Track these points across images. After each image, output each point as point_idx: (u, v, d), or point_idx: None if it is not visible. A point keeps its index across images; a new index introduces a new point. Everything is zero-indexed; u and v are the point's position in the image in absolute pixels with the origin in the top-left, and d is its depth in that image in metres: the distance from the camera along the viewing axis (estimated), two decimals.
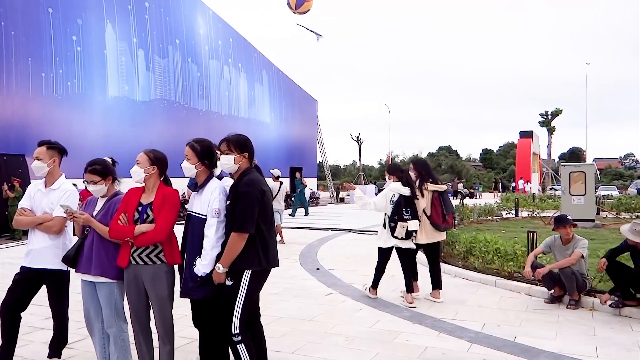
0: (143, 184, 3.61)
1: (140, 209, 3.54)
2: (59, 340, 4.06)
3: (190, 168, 3.51)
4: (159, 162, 3.61)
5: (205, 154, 3.53)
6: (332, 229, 15.08)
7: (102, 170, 3.66)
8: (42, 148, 3.90)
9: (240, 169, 3.46)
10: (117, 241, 3.53)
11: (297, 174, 21.13)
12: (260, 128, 29.50)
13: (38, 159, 3.88)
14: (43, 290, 4.00)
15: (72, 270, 3.82)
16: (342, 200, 35.54)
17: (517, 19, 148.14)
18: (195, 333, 3.73)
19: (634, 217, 16.42)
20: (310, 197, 31.38)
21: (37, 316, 5.34)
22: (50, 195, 3.93)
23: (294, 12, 16.32)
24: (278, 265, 3.50)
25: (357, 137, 57.53)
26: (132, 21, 20.80)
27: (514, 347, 4.64)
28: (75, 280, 3.82)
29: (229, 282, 3.33)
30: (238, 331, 3.30)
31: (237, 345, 3.31)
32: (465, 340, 4.84)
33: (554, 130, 51.46)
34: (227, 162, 3.44)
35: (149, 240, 3.44)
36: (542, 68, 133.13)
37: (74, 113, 17.96)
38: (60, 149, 3.99)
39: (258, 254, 3.32)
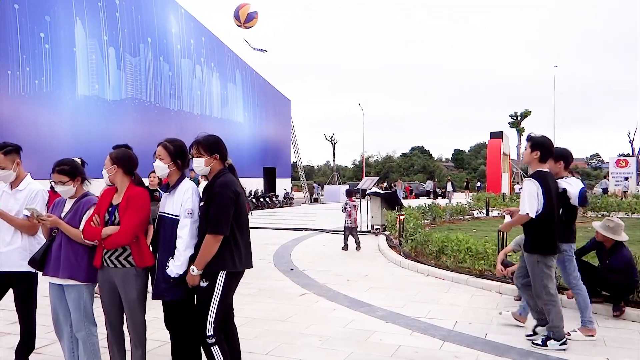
0: (112, 185, 3.58)
1: (110, 209, 3.50)
2: (26, 346, 3.94)
3: (162, 167, 3.48)
4: (119, 160, 3.53)
5: (178, 154, 3.50)
6: (306, 229, 15.08)
7: (70, 170, 3.58)
8: (0, 156, 3.73)
9: (213, 171, 3.44)
10: (90, 243, 3.46)
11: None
12: (233, 128, 29.31)
13: (1, 168, 3.73)
14: (9, 294, 3.89)
15: (39, 273, 3.73)
16: (316, 200, 35.61)
17: (487, 21, 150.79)
18: (167, 336, 3.69)
19: (600, 215, 16.88)
20: (285, 197, 31.38)
21: (3, 321, 5.20)
22: (17, 195, 3.82)
23: (241, 26, 16.42)
24: (251, 267, 3.49)
25: (331, 138, 57.69)
26: (102, 18, 20.41)
27: (485, 345, 4.73)
28: (43, 283, 3.73)
29: (203, 284, 3.30)
30: (212, 333, 3.28)
31: (211, 348, 3.29)
32: (438, 339, 4.91)
33: (523, 131, 52.33)
34: (199, 165, 3.43)
35: (114, 243, 3.39)
36: (511, 70, 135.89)
37: (42, 112, 17.51)
38: (16, 149, 3.83)
39: (233, 256, 3.31)
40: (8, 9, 16.54)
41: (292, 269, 8.62)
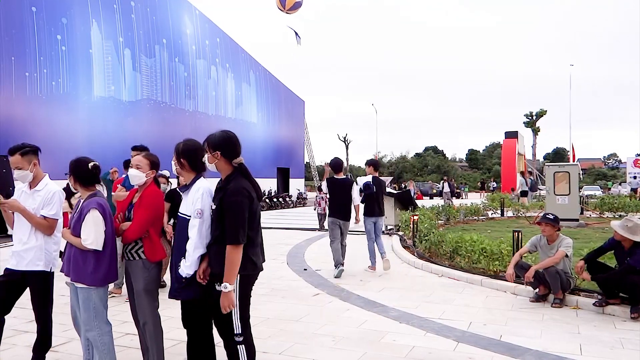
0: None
1: (129, 207, 3.75)
2: (42, 344, 3.99)
3: (172, 166, 3.66)
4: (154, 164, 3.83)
5: (183, 153, 3.51)
6: (319, 230, 15.07)
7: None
8: (17, 157, 3.78)
9: (222, 171, 3.37)
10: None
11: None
12: (247, 128, 29.41)
13: (18, 169, 3.79)
14: (26, 292, 3.95)
15: (55, 273, 3.79)
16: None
17: (502, 21, 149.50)
18: (181, 335, 3.72)
19: (617, 216, 16.64)
20: (298, 198, 31.42)
21: (20, 319, 5.26)
22: (34, 196, 3.88)
23: (286, 12, 16.33)
24: (262, 269, 3.48)
25: (345, 138, 57.64)
26: (118, 20, 20.61)
27: (500, 346, 4.69)
28: (60, 282, 3.79)
29: (219, 288, 3.28)
30: (240, 331, 3.27)
31: (237, 346, 3.27)
32: (452, 340, 4.88)
33: (539, 131, 51.75)
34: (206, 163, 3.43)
35: (127, 238, 3.62)
36: (527, 69, 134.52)
37: (58, 113, 17.73)
38: (33, 150, 3.89)
39: (248, 259, 3.28)
40: (25, 11, 16.79)
41: (305, 269, 8.63)
